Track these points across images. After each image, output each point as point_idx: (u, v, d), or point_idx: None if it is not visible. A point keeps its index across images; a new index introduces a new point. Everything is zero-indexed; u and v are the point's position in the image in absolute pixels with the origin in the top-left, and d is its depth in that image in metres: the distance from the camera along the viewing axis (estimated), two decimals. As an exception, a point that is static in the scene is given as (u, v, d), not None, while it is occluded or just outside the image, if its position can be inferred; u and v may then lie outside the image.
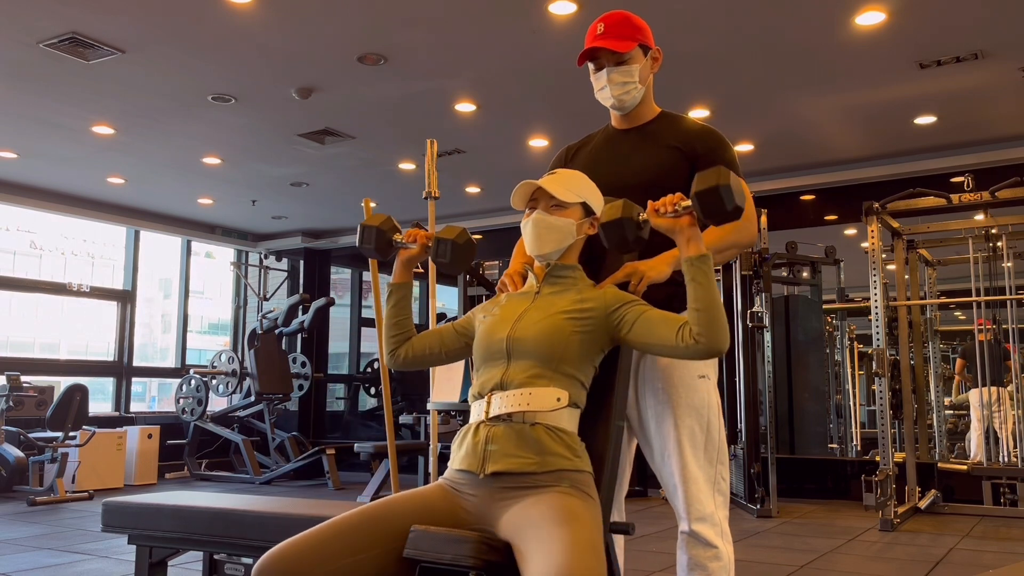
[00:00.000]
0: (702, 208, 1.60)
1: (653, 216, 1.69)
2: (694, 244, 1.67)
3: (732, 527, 1.99)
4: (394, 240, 1.97)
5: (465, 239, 1.90)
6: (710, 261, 1.67)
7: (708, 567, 1.88)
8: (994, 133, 6.37)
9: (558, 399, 1.67)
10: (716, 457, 1.93)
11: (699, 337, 1.63)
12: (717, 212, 1.60)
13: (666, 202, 1.68)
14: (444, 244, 1.89)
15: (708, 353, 1.64)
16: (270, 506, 2.53)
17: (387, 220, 1.98)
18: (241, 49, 4.96)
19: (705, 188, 1.59)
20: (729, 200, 1.58)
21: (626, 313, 1.73)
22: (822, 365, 7.95)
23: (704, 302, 1.64)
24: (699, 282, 1.65)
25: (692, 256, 1.66)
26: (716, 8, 4.44)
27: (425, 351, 1.96)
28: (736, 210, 1.59)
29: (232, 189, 8.12)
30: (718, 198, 1.58)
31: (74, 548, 4.67)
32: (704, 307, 1.64)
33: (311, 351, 9.72)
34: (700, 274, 1.66)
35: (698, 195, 1.60)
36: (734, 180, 1.59)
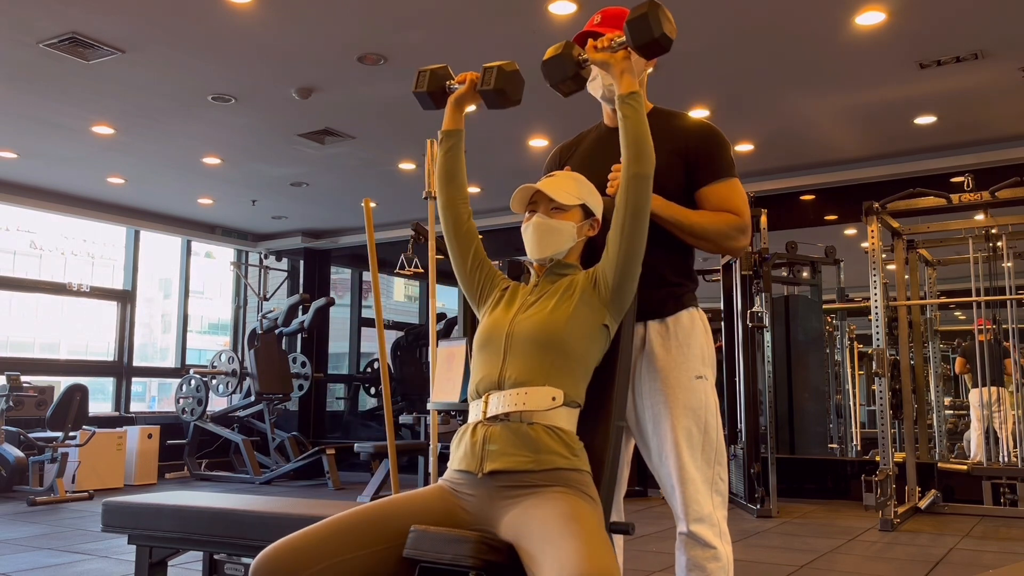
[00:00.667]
0: (632, 35, 1.73)
1: (591, 52, 1.81)
2: (627, 78, 1.79)
3: (732, 527, 1.99)
4: (447, 84, 2.02)
5: (513, 67, 1.94)
6: (640, 98, 1.79)
7: (707, 568, 1.88)
8: (994, 133, 6.37)
9: (553, 398, 1.67)
10: (714, 458, 1.93)
11: (627, 168, 1.75)
12: (646, 39, 1.71)
13: (604, 38, 1.80)
14: (490, 71, 1.93)
15: (641, 179, 1.74)
16: (270, 506, 2.53)
17: (443, 66, 2.05)
18: (241, 49, 4.97)
19: (635, 16, 1.71)
20: (656, 26, 1.70)
21: (597, 268, 1.80)
22: (822, 365, 7.95)
23: (632, 134, 1.76)
24: (628, 116, 1.77)
25: (623, 93, 1.78)
26: (716, 8, 4.44)
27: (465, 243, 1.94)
28: (664, 38, 1.71)
29: (232, 189, 8.12)
30: (646, 23, 1.70)
31: (74, 548, 4.67)
32: (634, 138, 1.76)
33: (311, 351, 9.72)
34: (630, 109, 1.77)
35: (628, 23, 1.72)
36: (663, 11, 1.71)
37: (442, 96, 2.01)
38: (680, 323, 1.97)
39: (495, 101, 1.95)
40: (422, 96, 2.01)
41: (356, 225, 9.62)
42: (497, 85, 1.91)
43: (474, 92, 1.98)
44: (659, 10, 1.70)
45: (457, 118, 2.00)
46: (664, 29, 1.70)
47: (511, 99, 1.94)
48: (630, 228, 1.75)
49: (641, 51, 1.76)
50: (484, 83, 1.92)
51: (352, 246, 10.00)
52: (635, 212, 1.75)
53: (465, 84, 1.99)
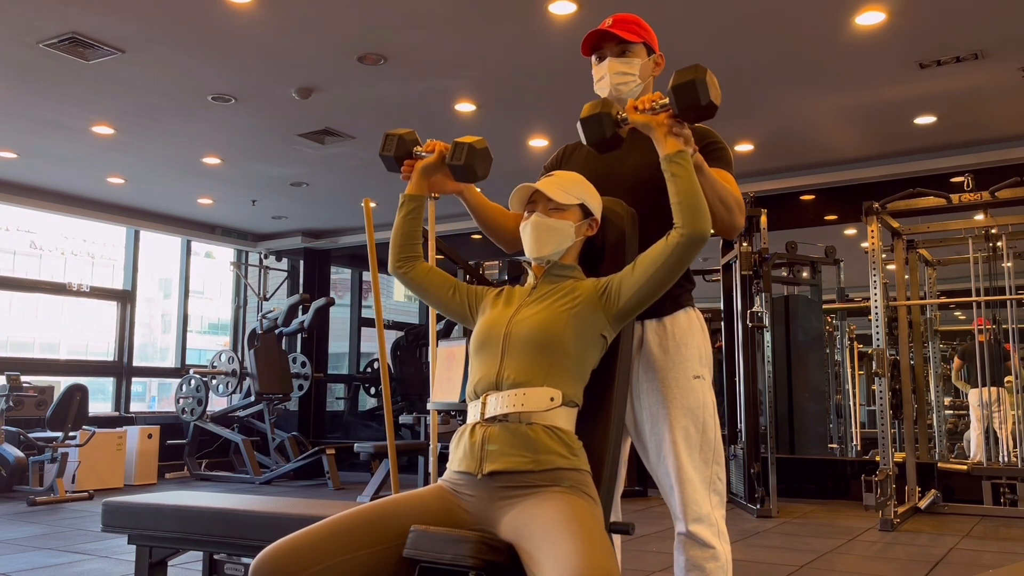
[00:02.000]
0: (677, 101, 1.67)
1: (632, 113, 1.75)
2: (671, 141, 1.73)
3: (732, 527, 1.99)
4: (414, 151, 2.00)
5: (483, 145, 1.92)
6: (687, 155, 1.73)
7: (705, 568, 1.88)
8: (994, 133, 6.37)
9: (551, 399, 1.67)
10: (712, 457, 1.93)
11: (682, 228, 1.69)
12: (692, 106, 1.66)
13: (645, 99, 1.74)
14: (460, 147, 1.91)
15: (691, 241, 1.69)
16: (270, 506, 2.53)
17: (410, 132, 2.02)
18: (241, 49, 4.97)
19: (681, 81, 1.66)
20: (704, 93, 1.64)
21: (612, 282, 1.77)
22: (822, 365, 7.95)
23: (684, 192, 1.70)
24: (678, 175, 1.71)
25: (670, 153, 1.73)
26: (716, 8, 4.44)
27: (433, 287, 1.95)
28: (711, 106, 1.66)
29: (232, 189, 8.12)
30: (693, 91, 1.64)
31: (74, 548, 4.67)
32: (685, 197, 1.70)
33: (311, 351, 9.72)
34: (679, 168, 1.72)
35: (674, 88, 1.67)
36: (710, 76, 1.65)
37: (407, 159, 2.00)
38: (677, 323, 1.97)
39: (461, 176, 1.95)
40: (388, 160, 2.00)
41: (356, 225, 9.62)
42: (467, 161, 1.90)
43: (441, 163, 1.97)
44: (706, 76, 1.65)
45: (422, 185, 2.00)
46: (711, 96, 1.65)
47: (479, 175, 1.93)
48: (664, 275, 1.73)
49: (685, 117, 1.71)
50: (454, 158, 1.91)
51: (352, 246, 10.00)
52: (677, 266, 1.72)
53: (434, 154, 1.97)
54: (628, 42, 2.01)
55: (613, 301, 1.75)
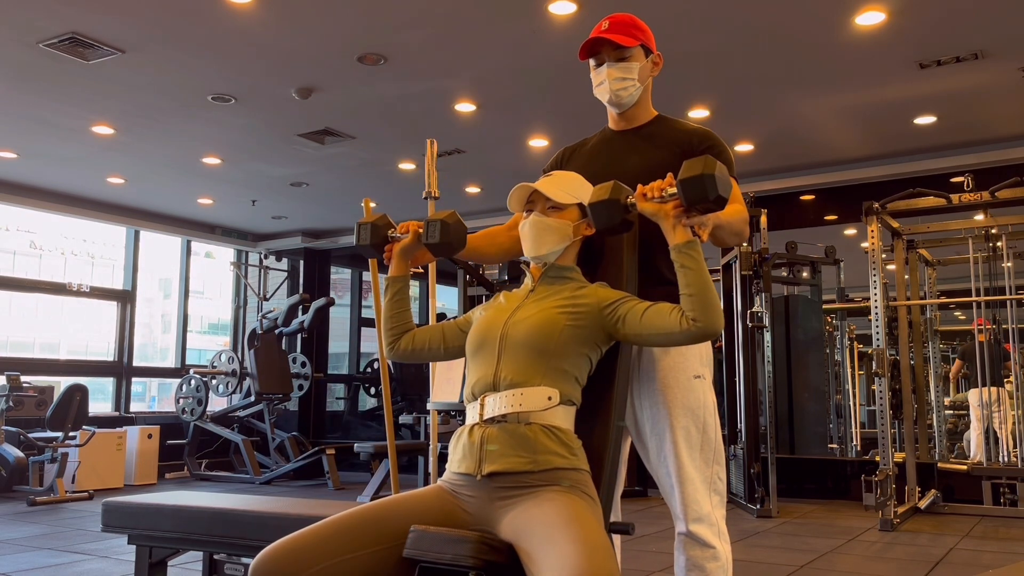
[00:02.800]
0: (685, 195, 1.64)
1: (640, 200, 1.72)
2: (680, 231, 1.69)
3: (732, 527, 1.99)
4: (389, 235, 2.00)
5: (455, 219, 1.92)
6: (698, 247, 1.71)
7: (706, 568, 1.88)
8: (994, 133, 6.37)
9: (549, 398, 1.67)
10: (712, 457, 1.93)
11: (696, 321, 1.66)
12: (700, 200, 1.63)
13: (654, 187, 1.71)
14: (433, 225, 1.91)
15: (704, 335, 1.67)
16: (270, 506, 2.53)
17: (382, 217, 2.02)
18: (241, 49, 4.97)
19: (689, 176, 1.63)
20: (712, 189, 1.61)
21: (619, 307, 1.75)
22: (822, 365, 7.94)
23: (696, 286, 1.67)
24: (689, 267, 1.68)
25: (679, 243, 1.69)
26: (716, 8, 4.44)
27: (426, 346, 1.98)
28: (719, 200, 1.62)
29: (232, 189, 8.12)
30: (701, 186, 1.61)
31: (74, 548, 4.67)
32: (697, 291, 1.67)
33: (311, 351, 9.72)
34: (689, 259, 1.68)
35: (682, 182, 1.64)
36: (720, 170, 1.61)
37: (384, 244, 2.01)
38: None
39: (440, 252, 1.96)
40: (365, 249, 2.01)
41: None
42: (443, 239, 1.90)
43: (418, 243, 1.97)
44: (715, 171, 1.61)
45: (403, 266, 2.01)
46: (719, 191, 1.61)
47: (456, 248, 1.94)
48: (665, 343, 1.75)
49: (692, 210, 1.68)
50: (429, 237, 1.91)
51: (352, 246, 9.91)
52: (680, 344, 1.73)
53: (409, 236, 1.97)
54: (625, 47, 2.01)
55: (613, 326, 1.75)
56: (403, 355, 2.00)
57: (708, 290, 1.67)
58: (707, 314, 1.66)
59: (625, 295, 1.78)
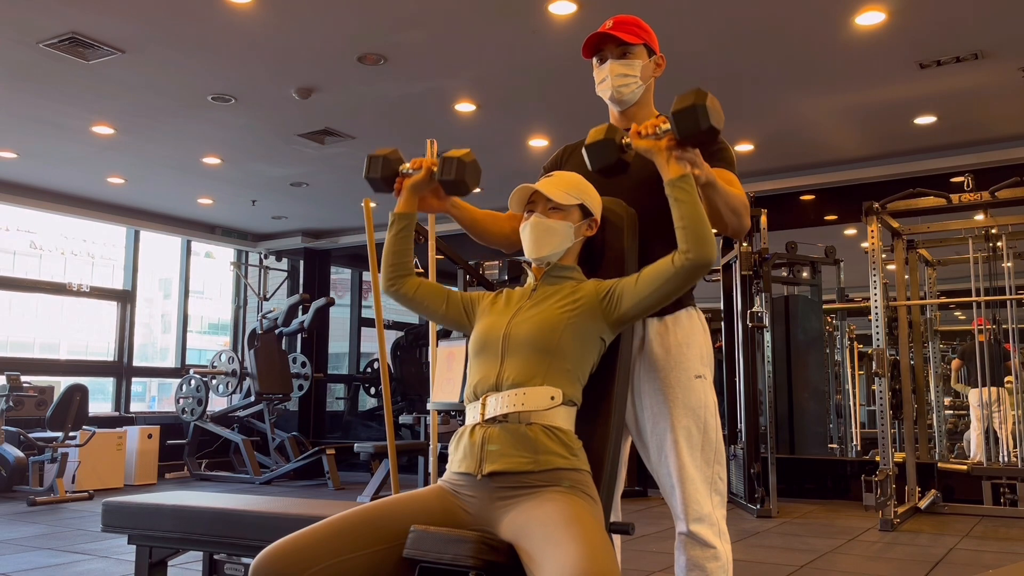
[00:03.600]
0: (677, 126, 1.67)
1: (635, 138, 1.75)
2: (674, 165, 1.72)
3: (732, 527, 1.99)
4: (400, 169, 1.99)
5: (472, 159, 1.92)
6: (691, 180, 1.73)
7: (706, 567, 1.88)
8: (994, 133, 6.37)
9: (552, 397, 1.67)
10: (713, 457, 1.93)
11: (687, 253, 1.69)
12: (693, 130, 1.66)
13: (647, 124, 1.74)
14: (450, 162, 1.91)
15: (697, 267, 1.69)
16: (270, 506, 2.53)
17: (394, 151, 2.02)
18: (241, 49, 4.97)
19: (681, 107, 1.66)
20: (704, 119, 1.65)
21: (614, 289, 1.77)
22: (822, 365, 7.95)
23: (689, 218, 1.70)
24: (682, 200, 1.71)
25: (673, 177, 1.72)
26: (716, 8, 4.44)
27: (427, 301, 1.97)
28: (711, 130, 1.66)
29: (232, 189, 8.12)
30: (693, 116, 1.65)
31: (74, 548, 4.67)
32: (690, 223, 1.70)
33: (311, 351, 9.72)
34: (682, 193, 1.71)
35: (675, 114, 1.68)
36: (711, 101, 1.65)
37: (394, 179, 2.00)
38: (679, 322, 1.97)
39: (452, 190, 1.95)
40: (374, 181, 2.00)
41: (356, 225, 9.62)
42: (457, 176, 1.90)
43: (431, 180, 1.97)
44: (706, 101, 1.65)
45: (412, 203, 2.00)
46: (711, 121, 1.65)
47: (470, 188, 1.93)
48: (666, 293, 1.73)
49: (686, 142, 1.72)
50: (444, 173, 1.91)
51: (352, 246, 9.99)
52: (679, 287, 1.73)
53: (422, 171, 1.96)
54: (629, 44, 2.01)
55: (613, 307, 1.75)
56: (402, 298, 1.99)
57: (701, 221, 1.70)
58: (700, 245, 1.68)
59: (617, 280, 1.80)
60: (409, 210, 1.99)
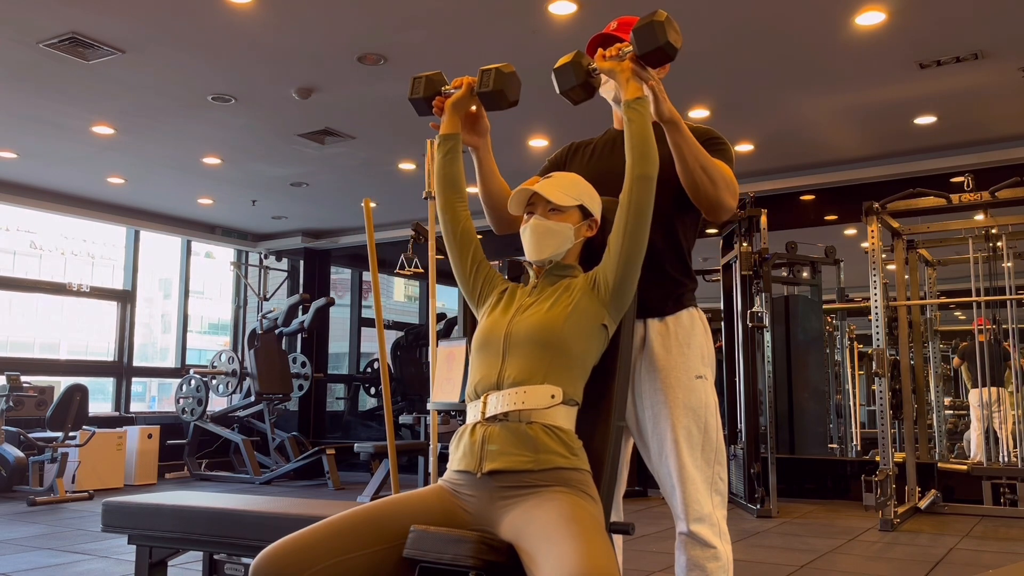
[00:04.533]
0: (637, 42, 1.77)
1: (599, 60, 1.84)
2: (632, 85, 1.81)
3: (732, 527, 1.99)
4: (443, 89, 2.03)
5: (511, 69, 1.97)
6: (645, 102, 1.81)
7: (707, 567, 1.88)
8: (994, 133, 6.37)
9: (552, 396, 1.67)
10: (714, 457, 1.93)
11: (633, 169, 1.78)
12: (651, 45, 1.76)
13: (612, 48, 1.85)
14: (488, 73, 1.95)
15: (640, 180, 1.76)
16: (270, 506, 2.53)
17: (437, 73, 2.06)
18: (241, 49, 4.97)
19: (641, 24, 1.76)
20: (662, 34, 1.74)
21: (597, 270, 1.80)
22: (822, 365, 7.95)
23: (636, 136, 1.79)
24: (633, 120, 1.80)
25: (629, 99, 1.81)
26: (716, 8, 4.44)
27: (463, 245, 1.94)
28: (669, 47, 1.75)
29: (232, 189, 8.12)
30: (651, 31, 1.75)
31: (74, 548, 4.67)
32: (636, 141, 1.79)
33: (311, 351, 9.72)
34: (635, 113, 1.80)
35: (635, 31, 1.77)
36: (669, 20, 1.76)
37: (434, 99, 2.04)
38: (680, 322, 1.97)
39: (493, 102, 1.97)
40: (417, 102, 2.04)
41: (356, 225, 9.62)
42: (496, 86, 1.93)
43: (471, 95, 1.99)
44: (665, 19, 1.75)
45: (455, 122, 2.01)
46: (669, 38, 1.74)
47: (509, 100, 1.96)
48: (632, 229, 1.76)
49: (647, 59, 1.80)
50: (483, 85, 1.95)
51: (352, 246, 9.99)
52: (638, 213, 1.76)
53: (462, 88, 1.99)
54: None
55: (603, 286, 1.77)
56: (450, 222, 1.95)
57: (646, 141, 1.78)
58: (643, 160, 1.77)
59: None
60: (453, 130, 2.01)
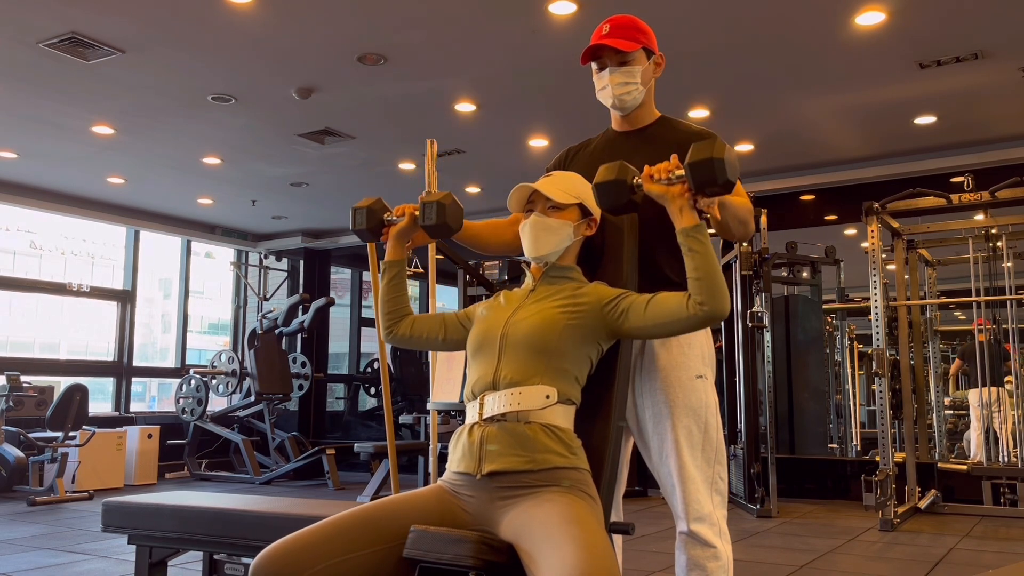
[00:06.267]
0: (694, 178, 1.62)
1: (647, 182, 1.70)
2: (687, 214, 1.68)
3: (732, 527, 1.99)
4: (385, 218, 2.00)
5: (451, 200, 1.92)
6: (705, 230, 1.69)
7: (707, 567, 1.88)
8: (994, 133, 6.37)
9: (547, 396, 1.67)
10: (714, 457, 1.93)
11: (703, 305, 1.65)
12: (708, 183, 1.61)
13: (660, 168, 1.69)
14: (429, 207, 1.91)
15: (711, 319, 1.67)
16: (270, 506, 2.53)
17: (377, 201, 2.02)
18: (241, 49, 4.97)
19: (699, 159, 1.61)
20: (721, 173, 1.59)
21: (620, 302, 1.75)
22: (822, 365, 7.95)
23: (704, 270, 1.66)
24: (696, 251, 1.67)
25: (687, 227, 1.68)
26: (716, 8, 4.44)
27: (424, 334, 1.98)
28: (727, 184, 1.61)
29: (232, 189, 8.12)
30: (710, 169, 1.59)
31: (74, 548, 4.67)
32: (704, 275, 1.66)
33: (311, 351, 9.72)
34: (696, 243, 1.67)
35: (691, 165, 1.62)
36: (729, 153, 1.60)
37: (380, 228, 2.01)
38: None
39: (437, 233, 1.94)
40: (361, 233, 2.00)
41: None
42: (439, 220, 1.90)
43: (414, 225, 1.97)
44: (724, 155, 1.59)
45: (400, 250, 2.01)
46: (728, 175, 1.59)
47: (452, 229, 1.93)
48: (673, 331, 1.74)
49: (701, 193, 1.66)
50: (425, 218, 1.91)
51: (352, 246, 9.99)
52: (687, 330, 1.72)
53: (405, 218, 1.97)
54: (627, 52, 2.00)
55: (616, 320, 1.74)
56: (400, 340, 2.01)
57: (716, 274, 1.66)
58: (715, 298, 1.65)
59: (624, 291, 1.78)
60: (398, 257, 2.00)
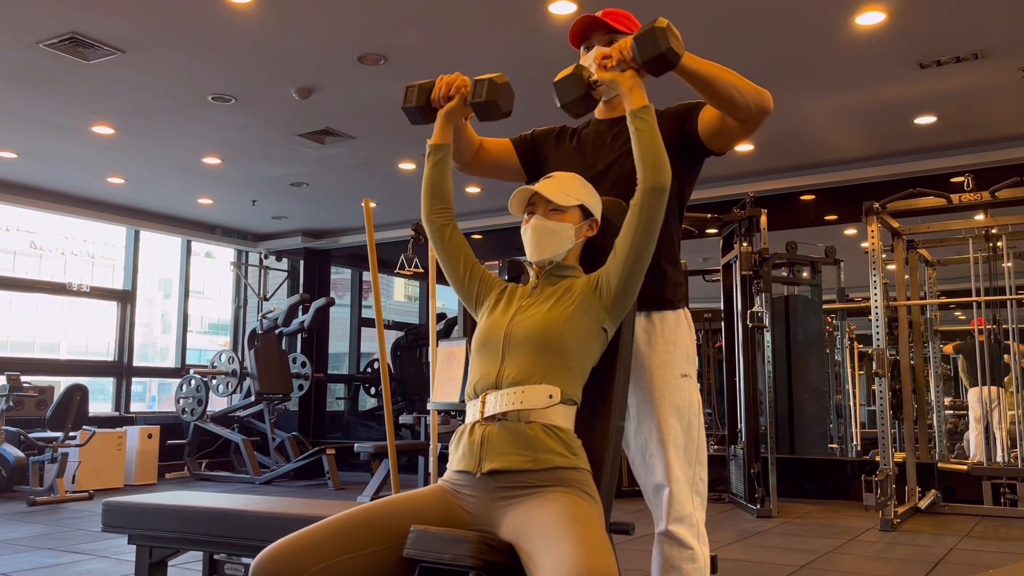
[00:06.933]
0: (638, 49, 1.75)
1: (600, 71, 1.82)
2: (636, 94, 1.80)
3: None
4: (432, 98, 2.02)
5: (504, 80, 1.95)
6: (651, 111, 1.80)
7: (683, 568, 1.86)
8: (994, 133, 6.37)
9: (550, 396, 1.67)
10: (695, 458, 1.93)
11: (644, 181, 1.76)
12: (653, 54, 1.74)
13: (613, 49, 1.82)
14: (481, 84, 1.94)
15: (654, 192, 1.75)
16: (270, 506, 2.53)
17: (430, 81, 2.04)
18: (241, 49, 4.97)
19: (642, 32, 1.74)
20: (664, 40, 1.72)
21: (600, 274, 1.79)
22: (822, 365, 7.95)
23: (647, 147, 1.78)
24: (641, 130, 1.79)
25: (635, 108, 1.80)
26: (715, 8, 4.44)
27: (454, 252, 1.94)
28: (671, 53, 1.73)
29: (232, 189, 8.12)
30: (653, 38, 1.73)
31: (74, 548, 4.67)
32: (647, 151, 1.77)
33: (311, 351, 9.72)
34: (643, 123, 1.79)
35: (636, 38, 1.76)
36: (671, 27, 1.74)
37: (431, 111, 2.00)
38: (666, 321, 1.97)
39: (486, 113, 1.95)
40: (410, 111, 2.01)
41: (356, 225, 9.62)
42: (489, 97, 1.91)
43: (464, 105, 1.97)
44: (666, 26, 1.74)
45: (447, 132, 2.00)
46: (671, 44, 1.73)
47: (502, 110, 1.95)
48: (641, 239, 1.75)
49: (648, 66, 1.78)
50: (476, 95, 1.93)
51: (352, 246, 10.00)
52: (648, 224, 1.75)
53: (455, 98, 1.97)
54: (617, 31, 2.00)
55: (606, 290, 1.76)
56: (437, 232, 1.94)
57: (658, 150, 1.77)
58: (656, 170, 1.76)
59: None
60: (444, 140, 2.00)
